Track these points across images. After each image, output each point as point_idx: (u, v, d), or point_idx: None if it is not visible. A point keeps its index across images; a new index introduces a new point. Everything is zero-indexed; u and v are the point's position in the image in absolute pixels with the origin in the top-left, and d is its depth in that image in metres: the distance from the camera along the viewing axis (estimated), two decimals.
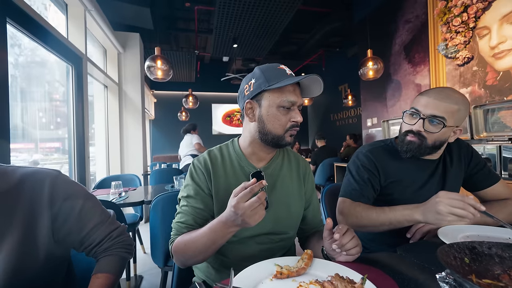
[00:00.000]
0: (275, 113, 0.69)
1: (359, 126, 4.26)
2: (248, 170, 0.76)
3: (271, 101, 0.69)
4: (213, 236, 0.62)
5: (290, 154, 0.86)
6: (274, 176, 0.78)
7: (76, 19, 2.38)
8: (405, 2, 2.90)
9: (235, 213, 0.55)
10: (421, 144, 0.81)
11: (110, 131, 3.37)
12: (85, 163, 2.30)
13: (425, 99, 0.80)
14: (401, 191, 0.88)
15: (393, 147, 0.93)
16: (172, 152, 6.84)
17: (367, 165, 0.89)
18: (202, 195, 0.73)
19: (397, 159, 0.89)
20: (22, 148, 2.52)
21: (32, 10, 1.59)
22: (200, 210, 0.72)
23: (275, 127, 0.70)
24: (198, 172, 0.75)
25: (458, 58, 2.29)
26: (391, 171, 0.89)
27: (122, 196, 1.69)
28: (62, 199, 0.61)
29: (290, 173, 0.81)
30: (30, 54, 2.13)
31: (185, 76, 6.15)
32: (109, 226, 0.69)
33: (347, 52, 5.45)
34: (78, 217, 0.63)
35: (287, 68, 0.73)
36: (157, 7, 3.59)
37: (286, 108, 0.70)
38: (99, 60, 3.20)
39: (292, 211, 0.77)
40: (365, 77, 2.85)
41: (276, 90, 0.69)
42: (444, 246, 0.44)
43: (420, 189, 0.88)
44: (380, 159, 0.90)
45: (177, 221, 0.73)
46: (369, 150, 0.92)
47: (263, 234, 0.73)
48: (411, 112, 0.83)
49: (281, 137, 0.71)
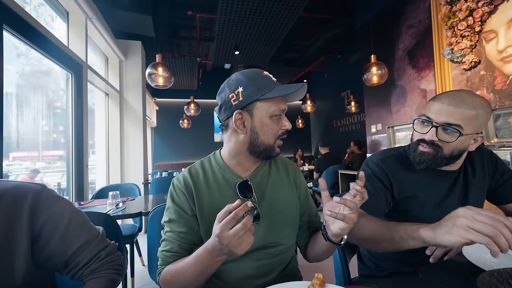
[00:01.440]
0: (268, 123, 0.66)
1: (363, 132, 4.19)
2: (233, 181, 0.70)
3: (264, 111, 0.66)
4: (201, 266, 0.56)
5: (277, 159, 0.80)
6: (262, 184, 0.72)
7: (77, 27, 2.37)
8: (407, 7, 2.88)
9: (220, 243, 0.49)
10: (436, 154, 0.72)
11: (111, 139, 3.33)
12: (83, 172, 2.25)
13: (437, 105, 0.72)
14: (419, 207, 0.78)
15: (407, 157, 0.83)
16: (174, 160, 6.80)
17: (378, 174, 0.80)
18: (185, 218, 0.67)
19: (411, 171, 0.80)
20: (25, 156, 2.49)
21: (30, 16, 1.57)
22: (185, 234, 0.66)
23: (268, 137, 0.67)
24: (179, 193, 0.69)
25: (464, 63, 2.24)
26: (405, 184, 0.79)
27: (119, 207, 1.62)
28: (44, 217, 0.55)
29: (280, 178, 0.75)
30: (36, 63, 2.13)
31: (187, 84, 6.16)
32: (97, 245, 0.63)
33: (349, 58, 5.43)
34: (62, 237, 0.57)
35: (270, 74, 0.70)
36: (159, 15, 3.61)
37: (278, 116, 0.67)
38: (100, 68, 3.20)
39: (286, 219, 0.71)
40: (369, 83, 2.80)
41: (269, 99, 0.66)
42: (484, 274, 0.38)
43: (439, 205, 0.78)
44: (393, 170, 0.80)
45: (162, 250, 0.67)
46: (381, 159, 0.83)
47: (258, 249, 0.67)
48: (423, 120, 0.74)
49: (272, 147, 0.68)
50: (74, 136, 2.19)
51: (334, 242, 0.61)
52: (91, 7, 2.29)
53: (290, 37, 4.15)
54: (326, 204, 0.58)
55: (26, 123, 2.08)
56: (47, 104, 2.39)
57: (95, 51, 3.09)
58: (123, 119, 3.43)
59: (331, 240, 0.61)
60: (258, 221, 0.67)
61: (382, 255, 0.88)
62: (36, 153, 2.45)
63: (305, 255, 0.78)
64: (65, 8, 2.28)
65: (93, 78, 2.68)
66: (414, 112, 2.83)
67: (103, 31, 2.69)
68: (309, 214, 0.78)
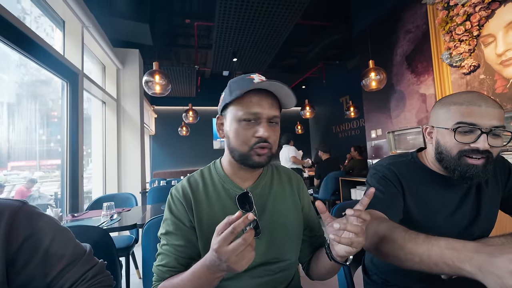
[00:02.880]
0: (236, 127, 0.61)
1: (362, 137, 4.16)
2: (233, 192, 0.66)
3: (233, 114, 0.62)
4: (198, 282, 0.51)
5: (279, 169, 0.76)
6: (264, 196, 0.68)
7: (73, 36, 2.36)
8: (404, 13, 2.89)
9: (219, 258, 0.45)
10: (486, 164, 0.63)
11: (108, 148, 3.28)
12: (78, 182, 2.19)
13: (476, 109, 0.63)
14: (430, 216, 0.72)
15: (418, 164, 0.78)
16: (172, 168, 6.73)
17: (390, 177, 0.74)
18: (183, 230, 0.63)
19: (422, 178, 0.75)
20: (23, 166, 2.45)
21: (23, 25, 1.55)
22: (182, 247, 0.62)
23: (239, 143, 0.62)
24: (177, 203, 0.65)
25: (463, 67, 2.22)
26: (417, 192, 0.73)
27: (114, 218, 1.56)
28: (22, 237, 0.50)
29: (282, 190, 0.71)
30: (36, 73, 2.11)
31: (185, 91, 6.16)
32: (83, 265, 0.58)
33: (347, 64, 5.45)
34: (43, 259, 0.52)
35: (260, 76, 0.62)
36: (156, 23, 3.62)
37: (249, 121, 0.60)
38: (97, 77, 3.18)
39: (289, 233, 0.66)
40: (368, 88, 2.79)
41: (238, 102, 0.61)
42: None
43: (451, 215, 0.72)
44: (404, 175, 0.74)
45: (158, 264, 0.62)
46: (391, 163, 0.78)
47: (259, 265, 0.62)
48: (464, 128, 0.63)
49: (246, 155, 0.61)
50: (69, 146, 2.15)
51: (339, 262, 0.56)
52: (87, 16, 2.29)
53: (288, 43, 4.16)
54: (329, 226, 0.53)
55: (24, 132, 2.05)
56: (46, 113, 2.37)
57: (92, 60, 3.08)
58: (121, 127, 3.39)
59: (336, 260, 0.56)
60: (258, 235, 0.63)
61: (389, 269, 0.83)
62: (34, 163, 2.41)
63: (308, 273, 0.73)
64: (62, 17, 2.27)
65: (90, 86, 2.65)
66: (414, 117, 2.81)
67: (100, 39, 2.68)
68: (311, 228, 0.73)
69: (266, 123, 0.61)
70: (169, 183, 3.68)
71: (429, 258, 0.50)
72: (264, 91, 0.61)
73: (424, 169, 0.77)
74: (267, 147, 0.61)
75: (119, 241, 1.94)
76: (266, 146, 0.61)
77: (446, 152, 0.68)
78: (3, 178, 2.42)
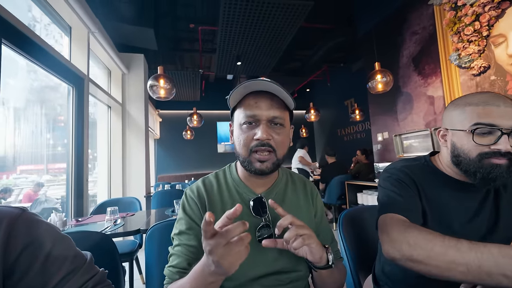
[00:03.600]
0: (238, 131, 0.62)
1: (368, 140, 4.10)
2: (247, 197, 0.65)
3: (236, 119, 0.63)
4: (195, 284, 0.49)
5: (294, 176, 0.74)
6: (278, 202, 0.65)
7: (80, 41, 2.39)
8: (410, 14, 2.85)
9: (206, 253, 0.43)
10: (510, 166, 0.60)
11: (113, 152, 3.30)
12: (83, 186, 2.19)
13: (494, 109, 0.60)
14: (447, 223, 0.68)
15: (432, 168, 0.74)
16: (177, 172, 6.74)
17: (405, 180, 0.70)
18: (196, 230, 0.61)
19: (437, 183, 0.71)
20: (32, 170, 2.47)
21: (30, 31, 1.57)
22: (194, 248, 0.59)
23: (240, 147, 0.61)
24: (191, 203, 0.64)
25: (473, 68, 2.17)
26: (432, 197, 0.69)
27: (117, 223, 1.55)
28: (21, 246, 0.48)
29: (297, 197, 0.69)
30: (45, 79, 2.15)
31: (190, 95, 6.19)
32: (83, 275, 0.56)
33: (352, 66, 5.42)
34: (42, 269, 0.50)
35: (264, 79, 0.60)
36: (161, 28, 3.65)
37: (250, 124, 0.60)
38: (103, 81, 3.21)
39: None
40: (374, 91, 2.75)
41: (240, 107, 0.62)
42: None
43: (470, 221, 0.68)
44: (419, 179, 0.71)
45: (169, 265, 0.60)
46: (405, 165, 0.74)
47: (269, 274, 0.60)
48: (483, 129, 0.61)
49: (248, 160, 0.60)
50: (74, 150, 2.15)
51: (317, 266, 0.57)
52: (93, 22, 2.31)
53: (292, 47, 4.15)
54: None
55: (32, 136, 2.08)
56: (53, 118, 2.39)
57: (98, 65, 3.11)
58: (125, 131, 3.41)
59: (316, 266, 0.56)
60: None
61: (400, 279, 0.79)
62: (42, 166, 2.43)
63: (316, 286, 0.70)
64: (68, 23, 2.30)
65: (95, 91, 2.67)
66: (422, 119, 2.75)
67: (105, 45, 2.71)
68: (322, 238, 0.69)
69: (265, 125, 0.59)
70: (173, 187, 3.67)
71: (480, 268, 0.45)
72: (263, 92, 0.60)
73: (439, 174, 0.73)
74: (267, 150, 0.59)
75: (123, 246, 1.92)
76: (265, 149, 0.58)
77: (464, 155, 0.65)
78: (12, 181, 2.44)
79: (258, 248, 0.60)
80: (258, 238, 0.61)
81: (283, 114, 0.61)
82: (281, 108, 0.61)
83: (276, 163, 0.61)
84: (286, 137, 0.62)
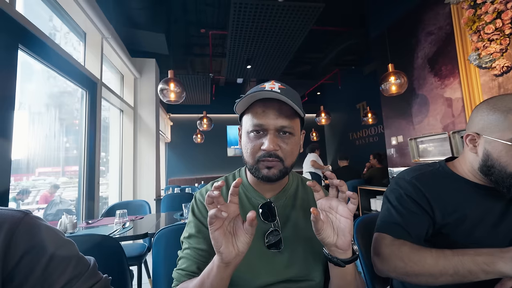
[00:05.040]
0: (245, 139, 0.60)
1: (381, 144, 3.98)
2: (256, 201, 0.63)
3: (244, 125, 0.62)
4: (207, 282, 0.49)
5: (304, 181, 0.71)
6: (287, 208, 0.64)
7: (94, 47, 2.45)
8: (425, 15, 2.76)
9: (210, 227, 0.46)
10: None
11: (124, 155, 3.35)
12: (94, 189, 2.22)
13: None
14: (469, 230, 0.64)
15: (448, 173, 0.70)
16: (187, 175, 6.79)
17: (413, 195, 0.68)
18: (205, 233, 0.60)
19: (453, 188, 0.67)
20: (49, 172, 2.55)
21: (45, 36, 1.61)
22: (204, 252, 0.58)
23: (247, 155, 0.60)
24: (200, 206, 0.64)
25: (495, 68, 2.06)
26: (450, 204, 0.66)
27: (126, 226, 1.55)
28: (22, 251, 0.47)
29: (307, 203, 0.66)
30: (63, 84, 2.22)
31: (200, 99, 6.25)
32: (86, 281, 0.53)
33: (364, 69, 5.31)
34: (43, 275, 0.48)
35: (274, 83, 0.58)
36: (172, 33, 3.71)
37: (257, 132, 0.58)
38: (116, 86, 3.28)
39: (313, 249, 0.61)
40: (387, 93, 2.66)
41: (248, 113, 0.60)
42: None
43: (495, 226, 0.64)
44: (433, 189, 0.67)
45: (177, 268, 0.59)
46: (415, 176, 0.70)
47: (279, 282, 0.57)
48: None
49: (255, 168, 0.59)
50: (86, 152, 2.19)
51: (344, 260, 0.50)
52: (107, 28, 2.37)
53: (302, 50, 4.12)
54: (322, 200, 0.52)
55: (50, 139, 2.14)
56: (70, 122, 2.46)
57: (111, 70, 3.18)
58: (137, 135, 3.46)
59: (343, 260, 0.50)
60: (280, 249, 0.59)
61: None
62: (59, 169, 2.50)
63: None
64: (83, 29, 2.36)
65: (108, 95, 2.73)
66: (439, 122, 2.64)
67: (118, 50, 2.77)
68: None
69: (273, 135, 0.56)
70: (183, 190, 3.68)
71: (463, 267, 0.53)
72: (271, 99, 0.57)
73: (456, 178, 0.69)
74: (275, 161, 0.57)
75: (132, 249, 1.92)
76: (273, 160, 0.57)
77: (499, 167, 0.60)
78: (31, 183, 2.52)
79: (267, 255, 0.59)
80: (267, 244, 0.59)
81: (292, 123, 0.58)
82: (291, 116, 0.58)
83: (283, 170, 0.58)
84: (295, 145, 0.60)
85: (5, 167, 1.26)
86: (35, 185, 2.58)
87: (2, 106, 1.24)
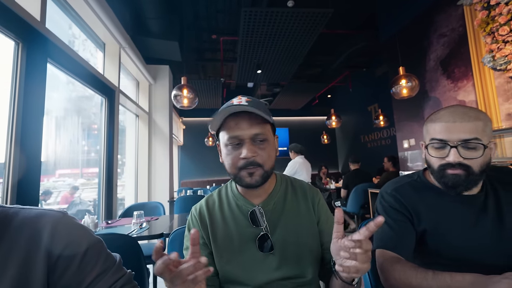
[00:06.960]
0: (225, 152, 0.64)
1: (393, 147, 3.92)
2: (245, 208, 0.68)
3: (221, 140, 0.66)
4: None
5: (295, 184, 0.74)
6: (276, 212, 0.68)
7: (112, 56, 2.59)
8: (437, 17, 2.73)
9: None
10: (468, 174, 0.66)
11: (140, 158, 3.48)
12: (112, 190, 2.34)
13: (442, 125, 0.68)
14: (444, 237, 0.70)
15: (424, 183, 0.76)
16: (199, 177, 6.91)
17: (396, 206, 0.74)
18: (200, 245, 0.65)
19: (429, 198, 0.73)
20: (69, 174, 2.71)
21: (70, 50, 1.74)
22: None
23: (229, 167, 0.64)
24: (194, 222, 0.70)
25: (510, 70, 2.02)
26: (425, 213, 0.72)
27: (143, 227, 1.63)
28: (62, 247, 0.54)
29: (297, 205, 0.70)
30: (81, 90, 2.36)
31: (212, 103, 6.37)
32: (113, 275, 0.60)
33: (375, 71, 5.25)
34: (78, 268, 0.55)
35: (241, 98, 0.65)
36: (185, 40, 3.84)
37: (233, 144, 0.63)
38: (132, 92, 3.42)
39: (304, 250, 0.65)
40: (398, 96, 2.64)
41: (223, 128, 0.65)
42: None
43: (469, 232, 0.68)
44: (410, 200, 0.74)
45: None
46: (395, 188, 0.77)
47: (273, 281, 0.63)
48: (434, 144, 0.69)
49: (238, 177, 0.63)
50: (105, 156, 2.31)
51: (345, 281, 0.53)
52: (124, 38, 2.50)
53: (313, 53, 4.14)
54: (333, 244, 0.50)
55: (69, 142, 2.28)
56: (88, 126, 2.61)
57: (127, 77, 3.34)
58: (151, 139, 3.59)
59: (342, 279, 0.53)
60: (272, 251, 0.64)
61: None
62: (78, 171, 2.65)
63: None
64: (102, 40, 2.51)
65: (125, 101, 2.87)
66: None
67: (134, 58, 2.90)
68: (326, 241, 0.69)
69: (249, 143, 0.61)
70: (196, 192, 3.78)
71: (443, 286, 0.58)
72: (241, 112, 0.62)
73: (430, 188, 0.75)
74: (255, 168, 0.62)
75: (148, 249, 2.01)
76: (253, 167, 0.62)
77: (430, 166, 0.72)
78: (52, 184, 2.67)
79: (260, 257, 0.64)
80: (259, 247, 0.64)
81: (264, 130, 0.63)
82: (261, 123, 0.63)
83: (264, 175, 0.63)
84: (271, 150, 0.65)
85: (36, 168, 1.38)
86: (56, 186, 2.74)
87: (34, 114, 1.36)
